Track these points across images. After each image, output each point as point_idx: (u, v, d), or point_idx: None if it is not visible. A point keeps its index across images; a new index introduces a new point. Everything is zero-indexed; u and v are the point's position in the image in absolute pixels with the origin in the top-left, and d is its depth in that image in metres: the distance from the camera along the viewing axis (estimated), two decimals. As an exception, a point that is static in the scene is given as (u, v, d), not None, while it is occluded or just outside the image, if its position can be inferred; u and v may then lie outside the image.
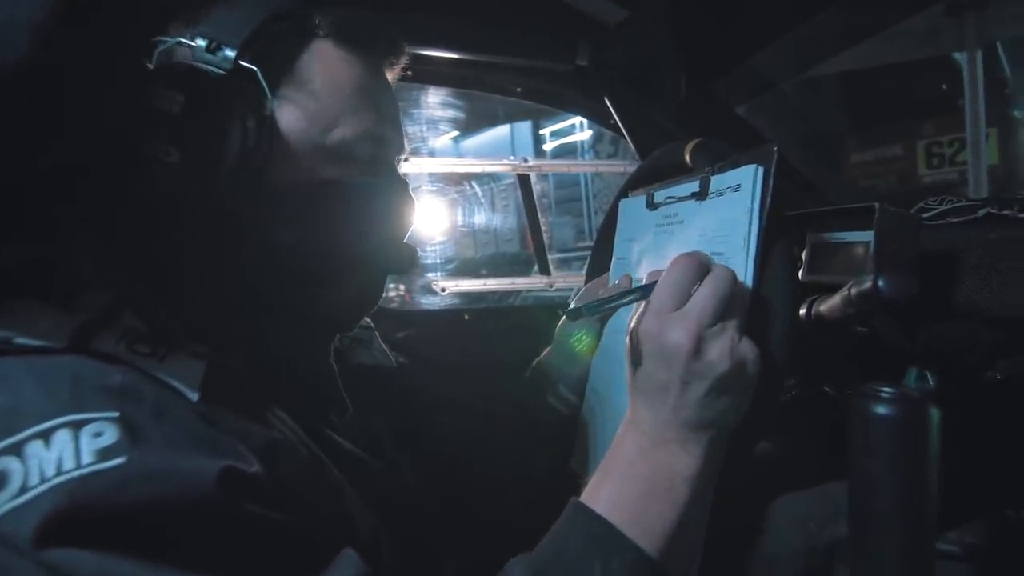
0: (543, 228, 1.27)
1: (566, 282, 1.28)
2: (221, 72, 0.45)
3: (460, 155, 5.18)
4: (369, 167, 0.53)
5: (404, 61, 0.59)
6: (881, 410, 0.31)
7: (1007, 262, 0.63)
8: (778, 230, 0.48)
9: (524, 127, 5.25)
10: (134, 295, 0.45)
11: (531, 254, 1.32)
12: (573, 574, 0.43)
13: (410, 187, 0.57)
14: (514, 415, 0.78)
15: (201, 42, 0.45)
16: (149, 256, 0.48)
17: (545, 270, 1.23)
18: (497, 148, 5.29)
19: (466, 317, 1.12)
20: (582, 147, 5.27)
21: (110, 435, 0.35)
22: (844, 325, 0.56)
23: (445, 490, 0.67)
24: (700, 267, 0.47)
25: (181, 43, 0.46)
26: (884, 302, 0.47)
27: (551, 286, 1.24)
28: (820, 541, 0.52)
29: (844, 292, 0.52)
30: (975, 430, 0.53)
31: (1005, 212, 0.70)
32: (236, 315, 0.50)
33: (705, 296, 0.45)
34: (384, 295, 0.61)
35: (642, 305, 0.49)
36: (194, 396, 0.41)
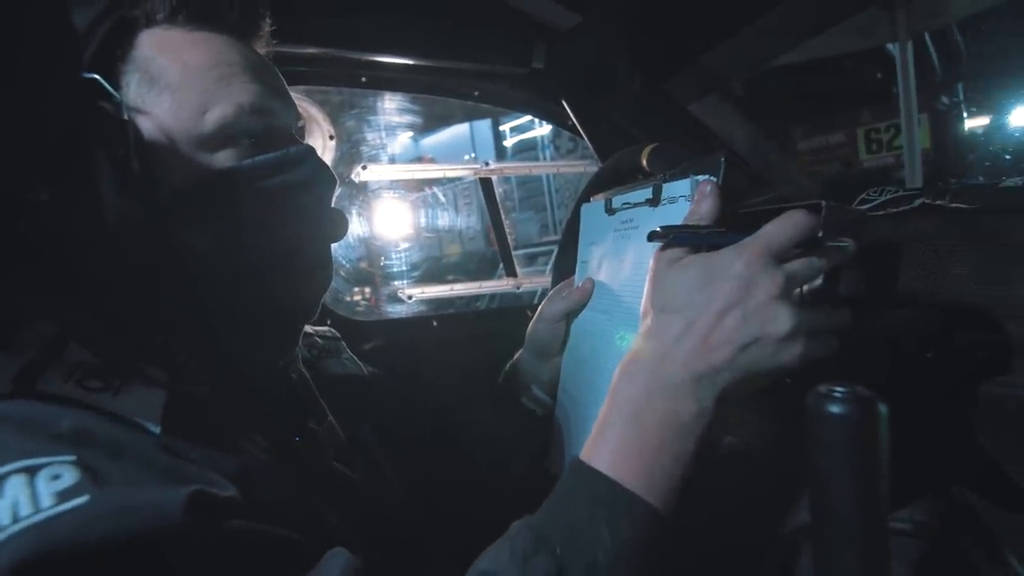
0: (508, 227, 1.28)
1: (532, 283, 1.29)
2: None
3: (420, 154, 5.13)
4: (263, 143, 0.50)
5: (265, 29, 0.56)
6: (834, 409, 0.33)
7: (941, 250, 0.67)
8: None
9: (484, 125, 5.25)
10: (80, 325, 0.43)
11: (496, 251, 1.32)
12: (579, 538, 0.40)
13: (318, 153, 0.54)
14: (489, 419, 0.79)
15: None
16: (91, 283, 0.46)
17: (511, 272, 1.23)
18: (458, 145, 5.26)
19: (434, 323, 1.12)
20: (542, 142, 5.30)
21: (69, 476, 0.33)
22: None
23: (425, 496, 0.67)
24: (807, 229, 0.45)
25: None
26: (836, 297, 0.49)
27: (518, 287, 1.25)
28: (785, 529, 0.55)
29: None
30: (918, 412, 0.57)
31: (938, 202, 0.75)
32: (193, 334, 0.49)
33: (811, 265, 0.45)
34: (349, 300, 0.59)
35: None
36: (156, 429, 0.39)
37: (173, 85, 0.48)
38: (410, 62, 0.96)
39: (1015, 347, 0.57)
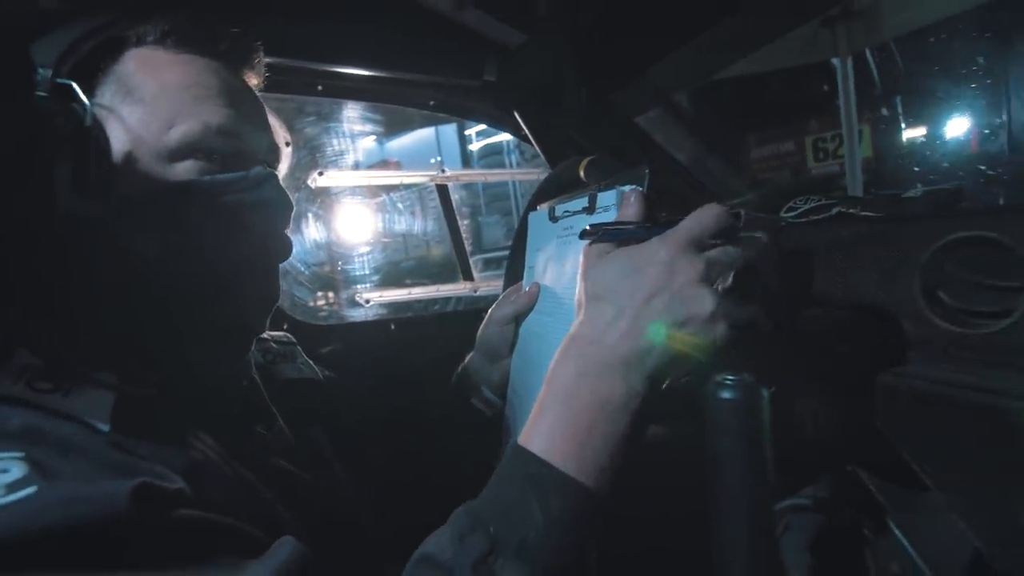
0: (474, 230, 1.31)
1: (490, 287, 1.32)
2: (39, 90, 0.44)
3: (385, 157, 5.11)
4: (229, 163, 0.53)
5: (256, 61, 0.60)
6: (724, 395, 0.38)
7: (851, 255, 0.73)
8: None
9: (449, 129, 5.27)
10: (27, 332, 0.44)
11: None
12: (512, 516, 0.42)
13: (279, 179, 0.57)
14: (441, 420, 0.81)
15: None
16: (40, 291, 0.47)
17: (468, 276, 1.27)
18: (423, 149, 5.26)
19: (392, 327, 1.14)
20: (508, 147, 5.35)
21: (17, 471, 0.35)
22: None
23: (379, 495, 0.70)
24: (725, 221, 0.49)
25: None
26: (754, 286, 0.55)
27: (475, 291, 1.28)
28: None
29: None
30: (827, 403, 0.63)
31: (851, 211, 0.82)
32: (141, 339, 0.50)
33: (728, 253, 0.48)
34: (312, 305, 0.61)
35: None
36: (105, 427, 0.41)
37: (147, 98, 0.50)
38: (366, 73, 0.98)
39: (910, 342, 0.64)
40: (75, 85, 0.46)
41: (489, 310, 0.80)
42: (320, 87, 1.00)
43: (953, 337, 0.60)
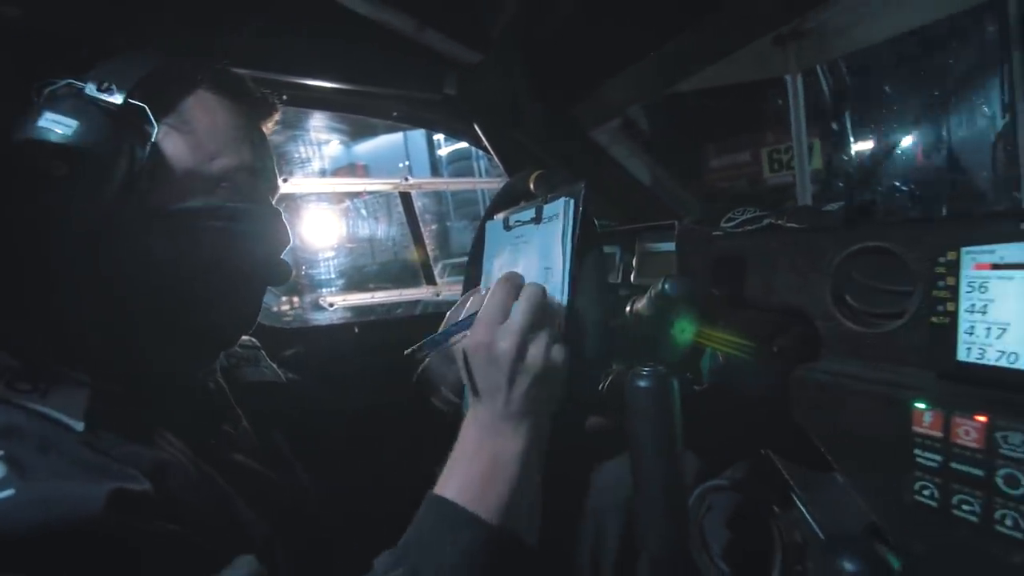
0: (441, 235, 1.34)
1: (451, 291, 1.36)
2: (112, 106, 0.52)
3: (353, 160, 5.08)
4: (246, 195, 0.61)
5: (276, 116, 0.69)
6: (640, 383, 0.43)
7: (776, 262, 0.80)
8: (590, 246, 0.60)
9: (418, 133, 5.28)
10: (6, 334, 0.48)
11: (430, 259, 1.38)
12: (429, 550, 0.49)
13: (283, 215, 0.66)
14: (402, 419, 0.85)
15: (92, 84, 0.52)
16: (22, 293, 0.50)
17: (431, 280, 1.30)
18: (392, 153, 5.26)
19: (356, 330, 1.16)
20: (476, 152, 5.39)
21: None
22: (655, 318, 0.69)
23: (340, 494, 0.73)
24: (514, 287, 0.57)
25: (71, 84, 0.52)
26: (671, 300, 0.61)
27: (438, 295, 1.32)
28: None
29: (649, 293, 0.66)
30: (749, 395, 0.69)
31: (779, 222, 0.89)
32: (116, 338, 0.54)
33: (522, 311, 0.55)
34: (277, 310, 0.66)
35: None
36: (79, 426, 0.44)
37: (199, 131, 0.58)
38: (331, 85, 1.01)
39: (823, 341, 0.71)
40: (147, 108, 0.53)
41: (447, 314, 0.84)
42: (285, 96, 1.03)
43: (857, 335, 0.67)
